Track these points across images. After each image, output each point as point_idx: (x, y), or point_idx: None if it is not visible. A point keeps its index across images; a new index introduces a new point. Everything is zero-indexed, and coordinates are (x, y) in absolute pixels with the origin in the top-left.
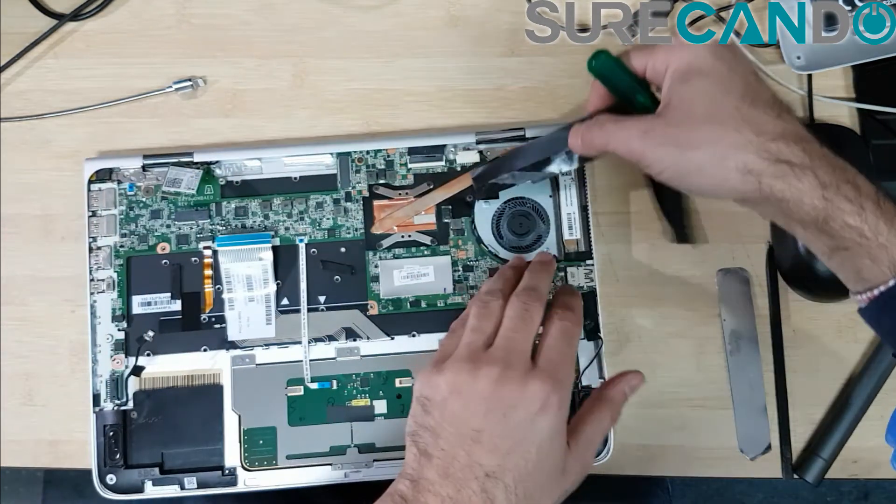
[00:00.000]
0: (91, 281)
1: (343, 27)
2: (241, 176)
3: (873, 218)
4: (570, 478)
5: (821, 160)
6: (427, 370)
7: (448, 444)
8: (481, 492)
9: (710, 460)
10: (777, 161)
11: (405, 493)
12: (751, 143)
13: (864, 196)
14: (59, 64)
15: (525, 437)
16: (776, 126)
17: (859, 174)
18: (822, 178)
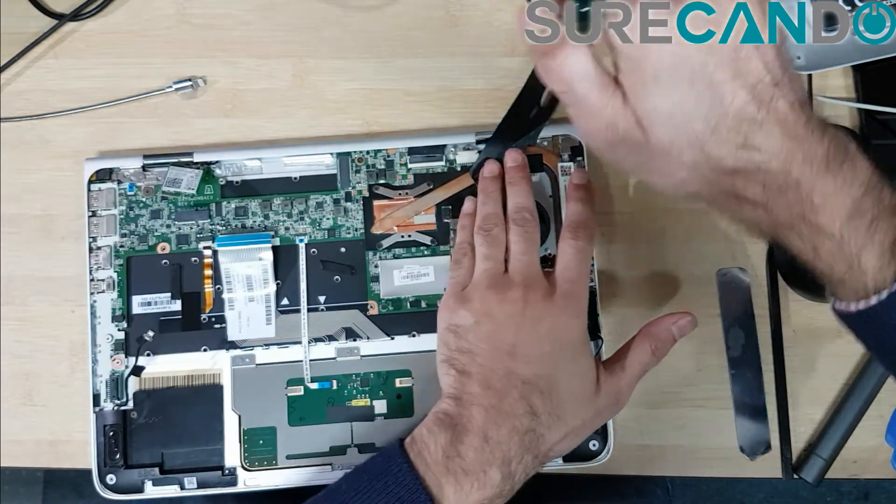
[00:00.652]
0: (91, 281)
1: (343, 27)
2: (241, 176)
3: (829, 257)
4: (603, 399)
5: (781, 195)
6: (450, 303)
7: (485, 360)
8: (521, 398)
9: (710, 460)
10: (731, 196)
11: (449, 410)
12: (705, 178)
13: (823, 236)
14: (59, 64)
15: (553, 347)
16: (735, 159)
17: (830, 204)
18: (775, 216)
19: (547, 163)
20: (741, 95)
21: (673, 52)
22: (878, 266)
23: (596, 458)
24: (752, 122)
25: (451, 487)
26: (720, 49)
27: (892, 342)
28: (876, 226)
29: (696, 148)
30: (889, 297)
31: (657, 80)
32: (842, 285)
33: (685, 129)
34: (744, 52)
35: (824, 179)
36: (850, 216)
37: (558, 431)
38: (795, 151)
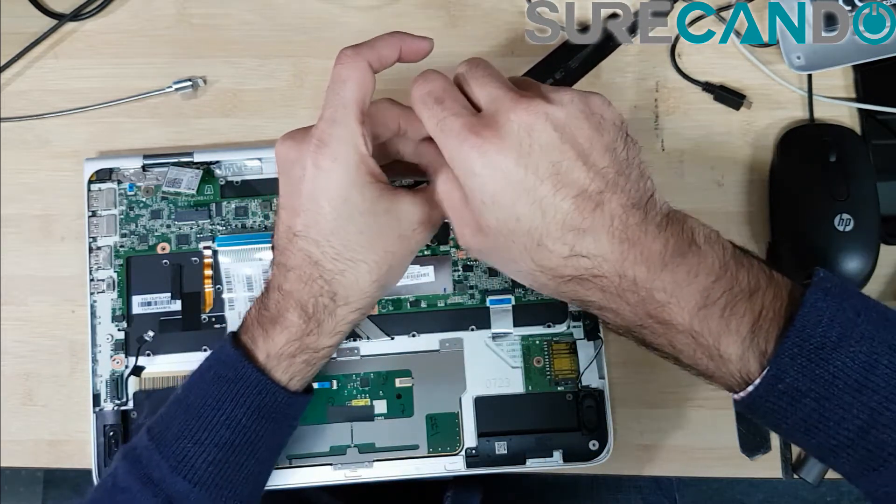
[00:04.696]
0: (91, 281)
1: (343, 27)
2: (241, 176)
3: (688, 350)
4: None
5: (620, 297)
6: None
7: (278, 223)
8: (297, 251)
9: (710, 460)
10: (574, 299)
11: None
12: (546, 287)
13: (675, 331)
14: (59, 64)
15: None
16: (567, 267)
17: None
18: (622, 317)
19: None
20: (564, 206)
21: (492, 177)
22: (739, 354)
23: (596, 458)
24: (577, 231)
25: (261, 337)
26: (538, 165)
27: (780, 425)
28: (731, 312)
29: (527, 259)
30: (760, 385)
31: (484, 204)
32: (712, 378)
33: (514, 242)
34: (565, 164)
35: (663, 275)
36: (699, 307)
37: (352, 272)
38: (627, 253)
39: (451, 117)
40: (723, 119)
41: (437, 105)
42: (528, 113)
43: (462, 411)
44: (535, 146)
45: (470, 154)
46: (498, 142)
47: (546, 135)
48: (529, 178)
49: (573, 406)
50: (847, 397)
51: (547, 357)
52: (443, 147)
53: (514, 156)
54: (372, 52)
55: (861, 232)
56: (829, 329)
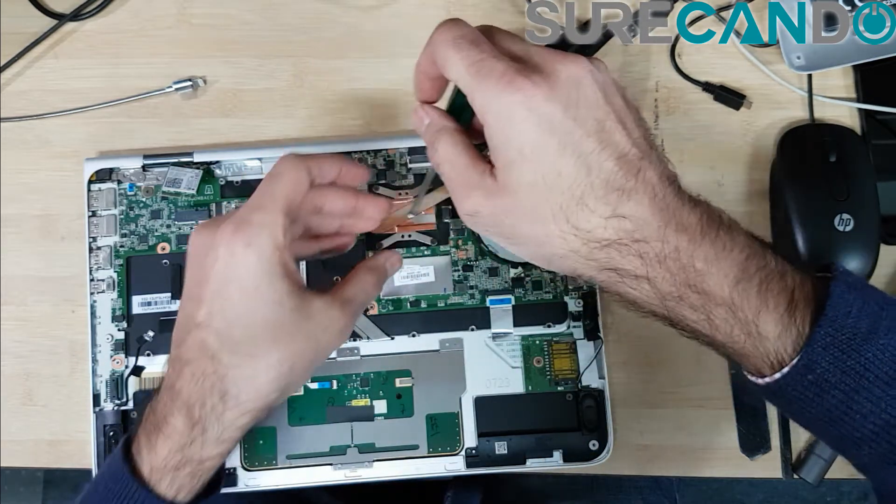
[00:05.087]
0: (91, 281)
1: (343, 27)
2: (241, 176)
3: (725, 326)
4: (316, 328)
5: (661, 265)
6: None
7: (180, 310)
8: (194, 342)
9: (710, 460)
10: (605, 269)
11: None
12: (576, 253)
13: (714, 303)
14: (59, 64)
15: (224, 282)
16: (607, 229)
17: (714, 269)
18: (659, 287)
19: None
20: (608, 166)
21: (538, 124)
22: (777, 333)
23: (596, 458)
24: (621, 191)
25: (145, 447)
26: (586, 120)
27: (803, 414)
28: (767, 289)
29: (561, 220)
30: (789, 373)
31: (522, 155)
32: (745, 358)
33: (549, 200)
34: (608, 125)
35: (703, 245)
36: (738, 280)
37: (250, 367)
38: (669, 219)
39: (492, 59)
40: (723, 119)
41: (473, 46)
42: (576, 66)
43: (462, 411)
44: (582, 100)
45: (514, 98)
46: (547, 89)
47: (592, 91)
48: (577, 131)
49: (573, 406)
50: (877, 390)
51: (547, 357)
52: (477, 91)
53: (562, 106)
54: (314, 163)
55: (861, 232)
56: (858, 320)
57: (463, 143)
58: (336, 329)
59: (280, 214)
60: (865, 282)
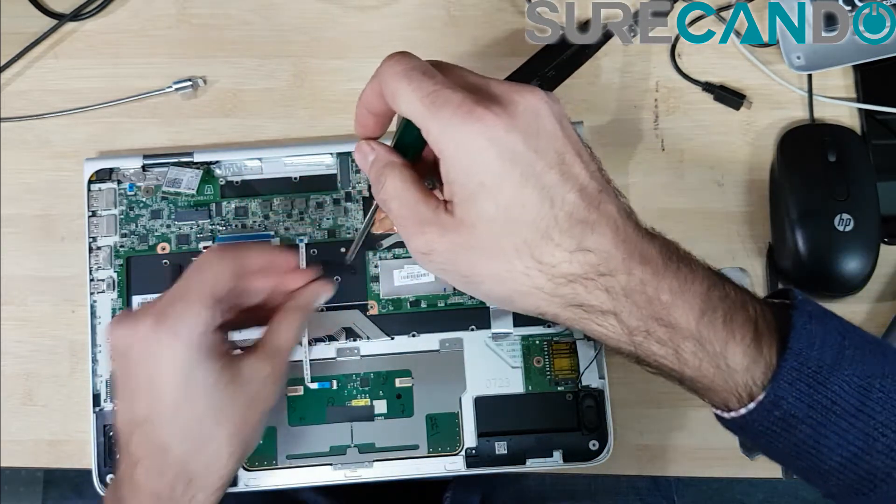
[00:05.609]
0: (91, 281)
1: (343, 27)
2: (241, 176)
3: (694, 360)
4: (255, 386)
5: (627, 298)
6: None
7: (116, 418)
8: (145, 441)
9: (710, 460)
10: (571, 305)
11: None
12: (540, 290)
13: (681, 336)
14: (59, 64)
15: (146, 378)
16: (572, 263)
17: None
18: (626, 322)
19: None
20: (571, 198)
21: (499, 155)
22: (745, 365)
23: (596, 458)
24: (584, 223)
25: None
26: (547, 151)
27: (770, 448)
28: (732, 319)
29: (525, 255)
30: (755, 410)
31: (483, 187)
32: (713, 392)
33: (512, 234)
34: (568, 157)
35: (667, 276)
36: (703, 311)
37: (206, 452)
38: (632, 251)
39: (447, 90)
40: (723, 119)
41: (426, 77)
42: (534, 97)
43: (462, 411)
44: (542, 131)
45: (474, 128)
46: (507, 119)
47: (550, 123)
48: (539, 162)
49: (573, 406)
50: (843, 423)
51: (547, 357)
52: (433, 122)
53: (523, 136)
54: (239, 256)
55: (861, 232)
56: (822, 352)
57: (412, 178)
58: (272, 382)
59: (200, 304)
60: (825, 309)
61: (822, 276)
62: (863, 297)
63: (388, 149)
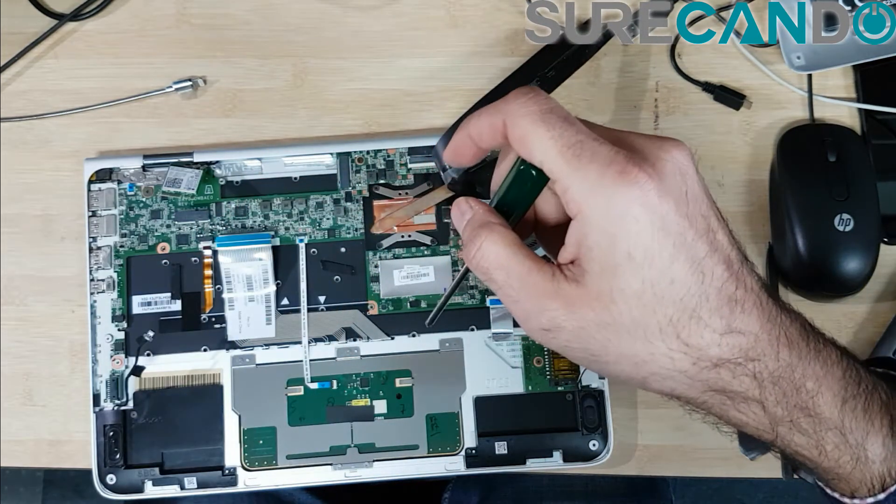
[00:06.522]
0: (91, 281)
1: (343, 27)
2: (241, 176)
3: (835, 452)
4: None
5: (775, 385)
6: None
7: None
8: None
9: (710, 460)
10: (712, 391)
11: None
12: (683, 374)
13: (825, 427)
14: (59, 64)
15: None
16: (721, 346)
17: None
18: (771, 411)
19: None
20: (719, 271)
21: (652, 224)
22: (883, 456)
23: (596, 459)
24: (733, 301)
25: None
26: (696, 218)
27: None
28: (870, 407)
29: (670, 336)
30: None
31: (631, 259)
32: (844, 480)
33: (657, 313)
34: (713, 222)
35: (812, 361)
36: (845, 399)
37: None
38: (778, 333)
39: (594, 142)
40: (723, 119)
41: (568, 125)
42: (681, 153)
43: (462, 411)
44: (691, 195)
45: (629, 192)
46: (658, 181)
47: (695, 183)
48: (689, 231)
49: (573, 406)
50: None
51: (547, 357)
52: (575, 179)
53: (675, 202)
54: None
55: (861, 232)
56: None
57: (516, 242)
58: None
59: None
60: None
61: (822, 276)
62: (863, 297)
63: (488, 208)
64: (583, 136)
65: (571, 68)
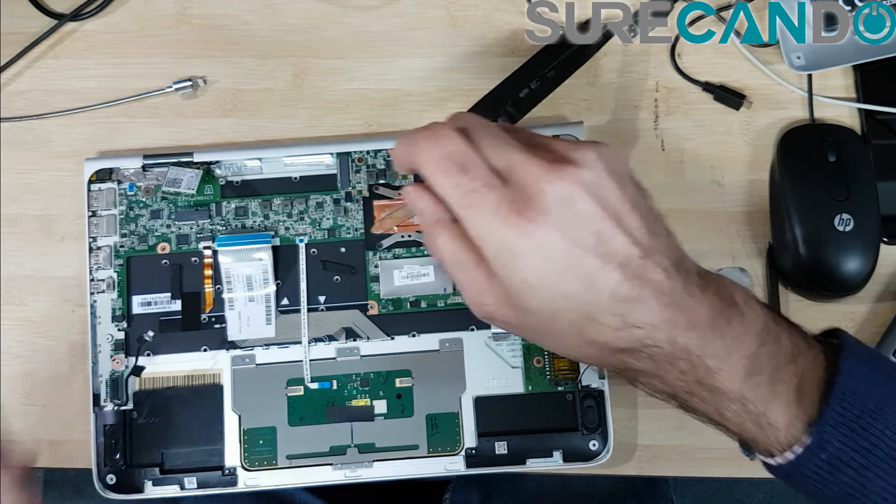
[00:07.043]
0: (91, 281)
1: (343, 27)
2: (241, 176)
3: (736, 418)
4: None
5: (672, 365)
6: None
7: None
8: None
9: (710, 460)
10: (619, 368)
11: None
12: (590, 358)
13: (725, 399)
14: (59, 64)
15: None
16: (619, 340)
17: (725, 366)
18: (671, 384)
19: None
20: (612, 277)
21: (538, 253)
22: (786, 421)
23: (596, 459)
24: (628, 300)
25: None
26: (583, 237)
27: (817, 493)
28: (777, 378)
29: (573, 335)
30: (802, 455)
31: (526, 284)
32: (755, 443)
33: (559, 320)
34: (606, 233)
35: (713, 341)
36: (749, 374)
37: None
38: (677, 319)
39: (484, 190)
40: (723, 119)
41: (462, 174)
42: (563, 182)
43: (462, 411)
44: (577, 217)
45: (510, 235)
46: (542, 219)
47: (585, 204)
48: (577, 252)
49: (573, 406)
50: (886, 465)
51: (547, 357)
52: (472, 223)
53: (559, 232)
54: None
55: (861, 232)
56: (866, 396)
57: (461, 238)
58: None
59: None
60: (873, 351)
61: (822, 276)
62: (863, 297)
63: (437, 202)
64: (475, 183)
65: (571, 68)
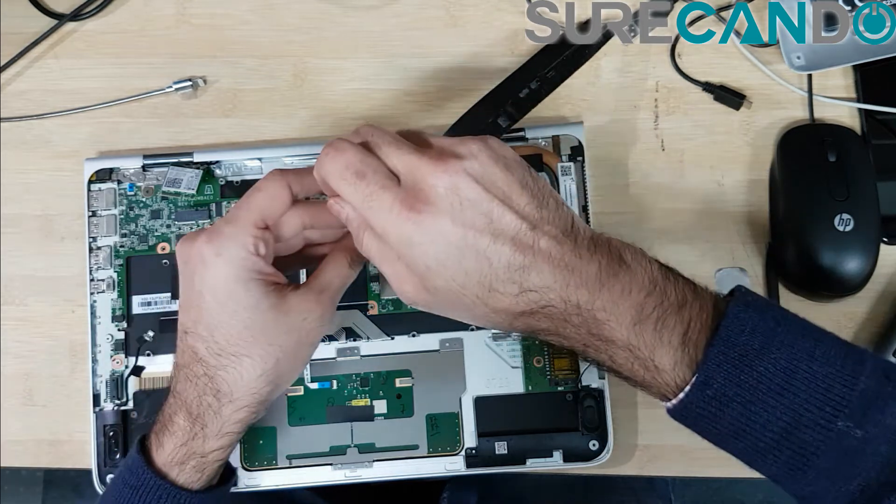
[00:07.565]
0: (91, 281)
1: (343, 27)
2: (241, 176)
3: (627, 364)
4: (297, 320)
5: (566, 321)
6: None
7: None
8: (185, 348)
9: (710, 460)
10: (524, 329)
11: None
12: (500, 325)
13: (615, 346)
14: (59, 64)
15: (201, 290)
16: (519, 304)
17: (612, 317)
18: (568, 338)
19: (547, 163)
20: (505, 251)
21: (433, 242)
22: (672, 364)
23: (596, 458)
24: (522, 268)
25: (154, 444)
26: (474, 219)
27: (711, 430)
28: (663, 325)
29: (480, 306)
30: (689, 392)
31: (429, 269)
32: (649, 388)
33: (465, 294)
34: (496, 212)
35: (601, 295)
36: (635, 322)
37: (235, 367)
38: (568, 279)
39: (380, 191)
40: (723, 119)
41: (360, 181)
42: (448, 174)
43: (462, 411)
44: (465, 203)
45: (406, 227)
46: (431, 210)
47: (471, 190)
48: (469, 234)
49: (573, 406)
50: (771, 400)
51: (547, 357)
52: (374, 221)
53: (449, 218)
54: (295, 177)
55: (861, 232)
56: (751, 338)
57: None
58: (314, 317)
59: (250, 226)
60: (766, 301)
61: (822, 276)
62: (863, 297)
63: (357, 215)
64: (371, 188)
65: (571, 68)
